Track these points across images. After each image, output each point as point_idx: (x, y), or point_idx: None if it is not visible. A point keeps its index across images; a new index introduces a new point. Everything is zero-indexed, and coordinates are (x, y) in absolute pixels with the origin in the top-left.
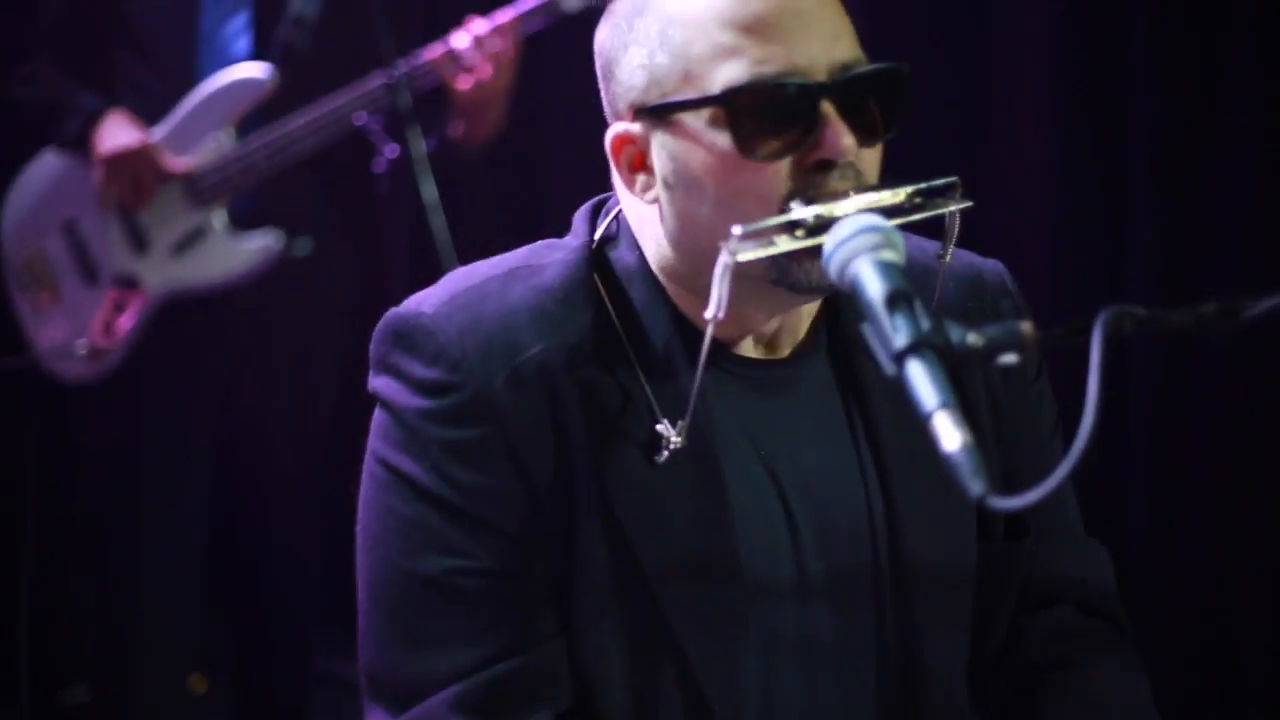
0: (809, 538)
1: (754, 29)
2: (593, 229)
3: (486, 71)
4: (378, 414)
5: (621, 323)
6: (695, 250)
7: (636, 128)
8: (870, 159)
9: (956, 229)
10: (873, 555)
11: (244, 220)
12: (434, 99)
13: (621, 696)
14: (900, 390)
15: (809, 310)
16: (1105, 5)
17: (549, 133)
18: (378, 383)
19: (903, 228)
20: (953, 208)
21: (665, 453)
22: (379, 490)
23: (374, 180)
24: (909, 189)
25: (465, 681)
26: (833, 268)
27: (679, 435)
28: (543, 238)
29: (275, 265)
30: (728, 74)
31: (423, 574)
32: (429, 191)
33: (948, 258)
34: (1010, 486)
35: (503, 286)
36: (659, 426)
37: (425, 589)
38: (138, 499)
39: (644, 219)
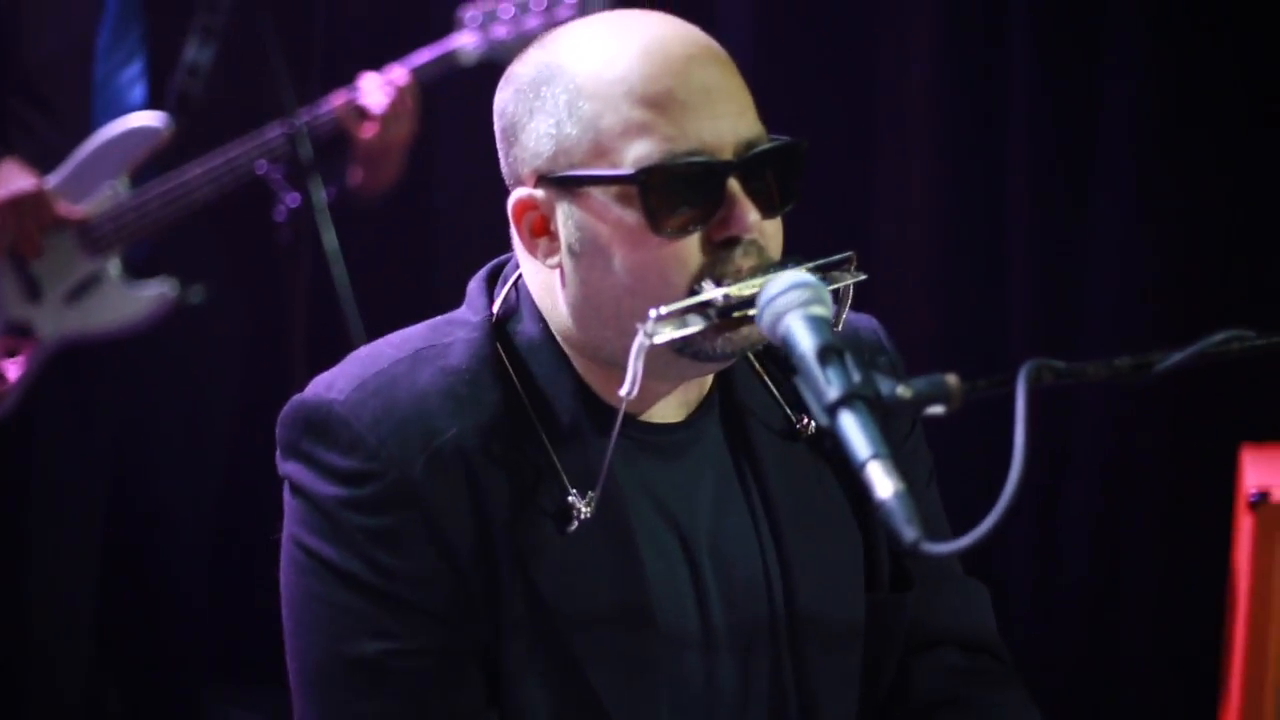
0: (713, 592)
1: (663, 105)
2: (490, 300)
3: (386, 120)
4: (291, 499)
5: (529, 398)
6: (598, 318)
7: (540, 194)
8: (772, 231)
9: (850, 299)
10: (769, 609)
11: (138, 268)
12: (333, 149)
13: None
14: (786, 452)
15: (708, 379)
16: (985, 40)
17: (447, 181)
18: (289, 468)
19: None
20: (848, 280)
21: (575, 523)
22: (302, 575)
23: (274, 229)
24: (808, 265)
25: None
26: (764, 322)
27: (588, 506)
28: (438, 286)
29: (169, 313)
30: (638, 151)
31: (353, 657)
32: (330, 240)
33: (839, 327)
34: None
35: (410, 370)
36: (570, 498)
37: (357, 672)
38: (26, 544)
39: (547, 286)
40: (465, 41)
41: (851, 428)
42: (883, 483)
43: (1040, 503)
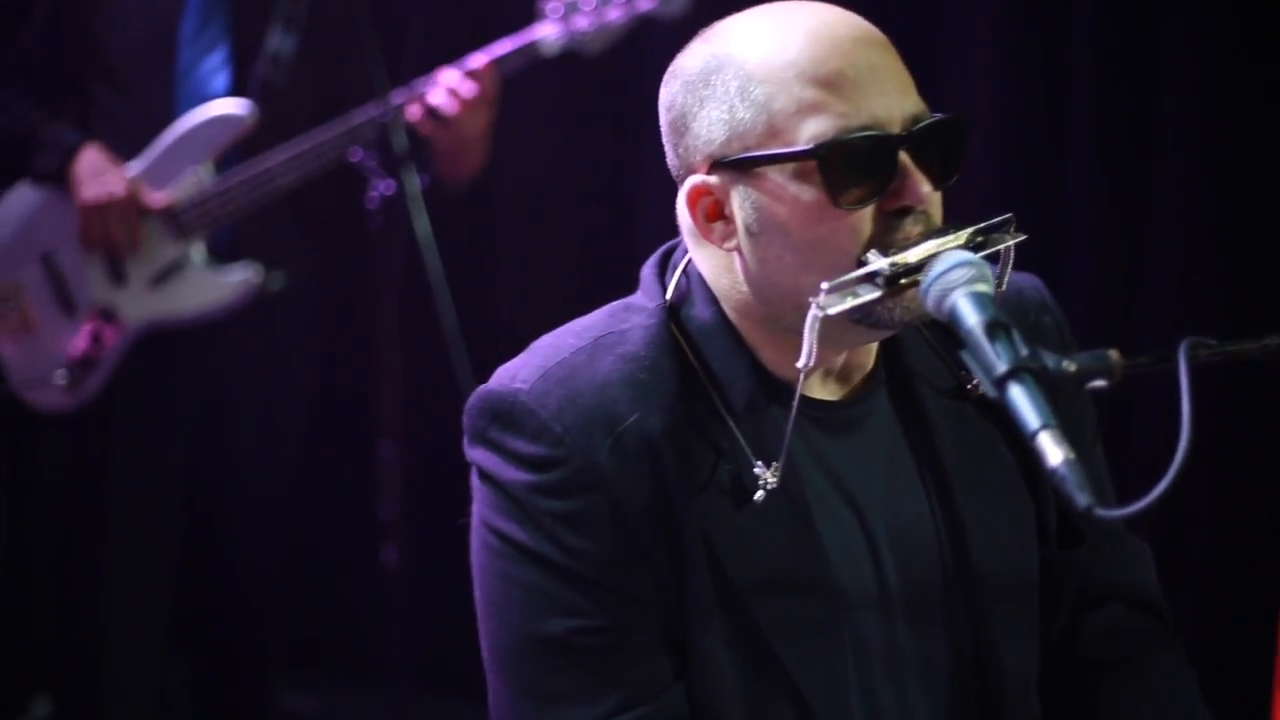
0: (888, 556)
1: (834, 85)
2: (663, 286)
3: (459, 118)
4: (479, 485)
5: (706, 379)
6: (778, 293)
7: (714, 179)
8: (937, 202)
9: (1011, 260)
10: (942, 569)
11: (222, 254)
12: (421, 138)
13: (737, 714)
14: (957, 415)
15: (872, 346)
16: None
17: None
18: (477, 455)
19: None
20: (1009, 242)
21: (761, 493)
22: (494, 558)
23: (365, 215)
24: (970, 229)
25: None
26: (930, 300)
27: (774, 476)
28: (536, 274)
29: (252, 299)
30: (813, 129)
31: (545, 635)
32: (423, 228)
33: (1003, 287)
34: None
35: (591, 358)
36: (755, 469)
37: (549, 649)
38: (105, 526)
39: (722, 267)
40: (547, 33)
41: (1021, 399)
42: (1053, 451)
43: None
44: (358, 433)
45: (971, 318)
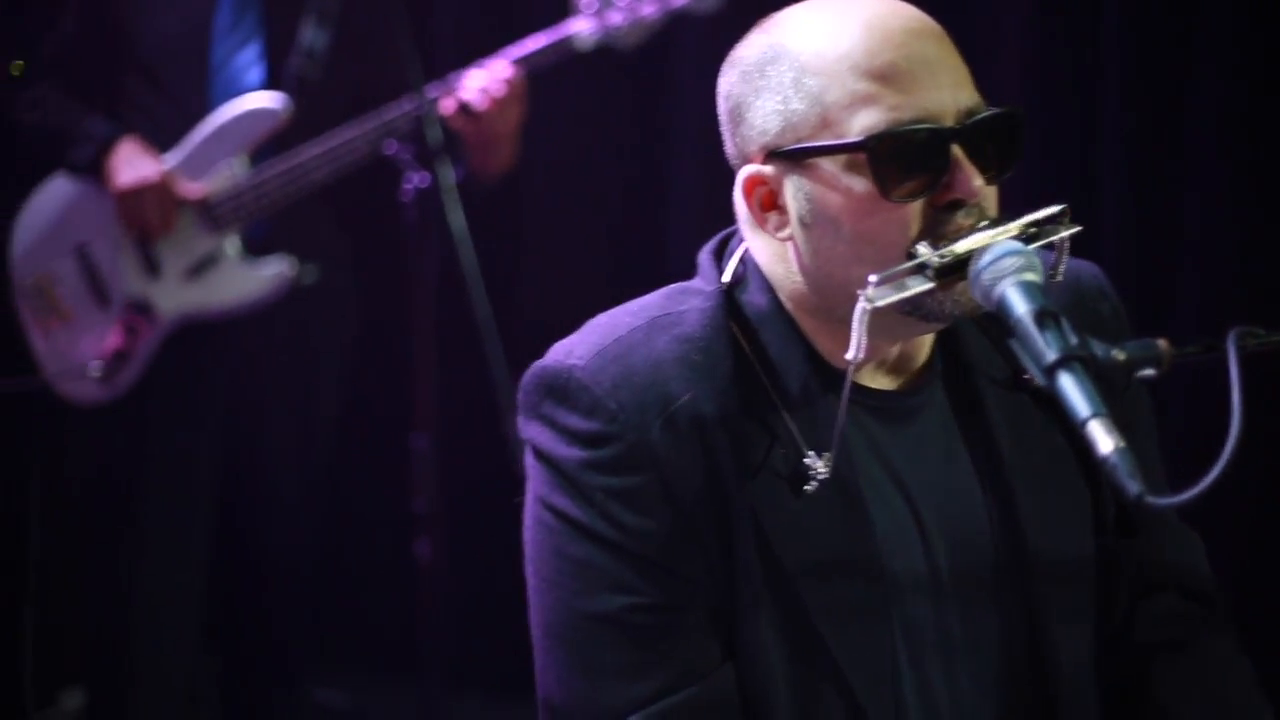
0: (937, 541)
1: (888, 77)
2: (719, 271)
3: (489, 115)
4: (533, 462)
5: (760, 364)
6: (829, 283)
7: (769, 169)
8: (991, 196)
9: (1067, 250)
10: (994, 555)
11: (256, 247)
12: (453, 132)
13: (785, 699)
14: (1014, 406)
15: (928, 338)
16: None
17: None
18: (531, 431)
19: None
20: (1063, 234)
21: (814, 483)
22: (547, 534)
23: (399, 209)
24: (1023, 221)
25: (643, 712)
26: (979, 290)
27: (826, 465)
28: (568, 267)
29: (285, 292)
30: (865, 120)
31: (597, 611)
32: (457, 221)
33: (1059, 277)
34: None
35: (647, 337)
36: (806, 459)
37: (600, 625)
38: (140, 519)
39: (777, 256)
40: (581, 28)
41: (1070, 388)
42: (1104, 440)
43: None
44: (391, 426)
45: (1020, 307)
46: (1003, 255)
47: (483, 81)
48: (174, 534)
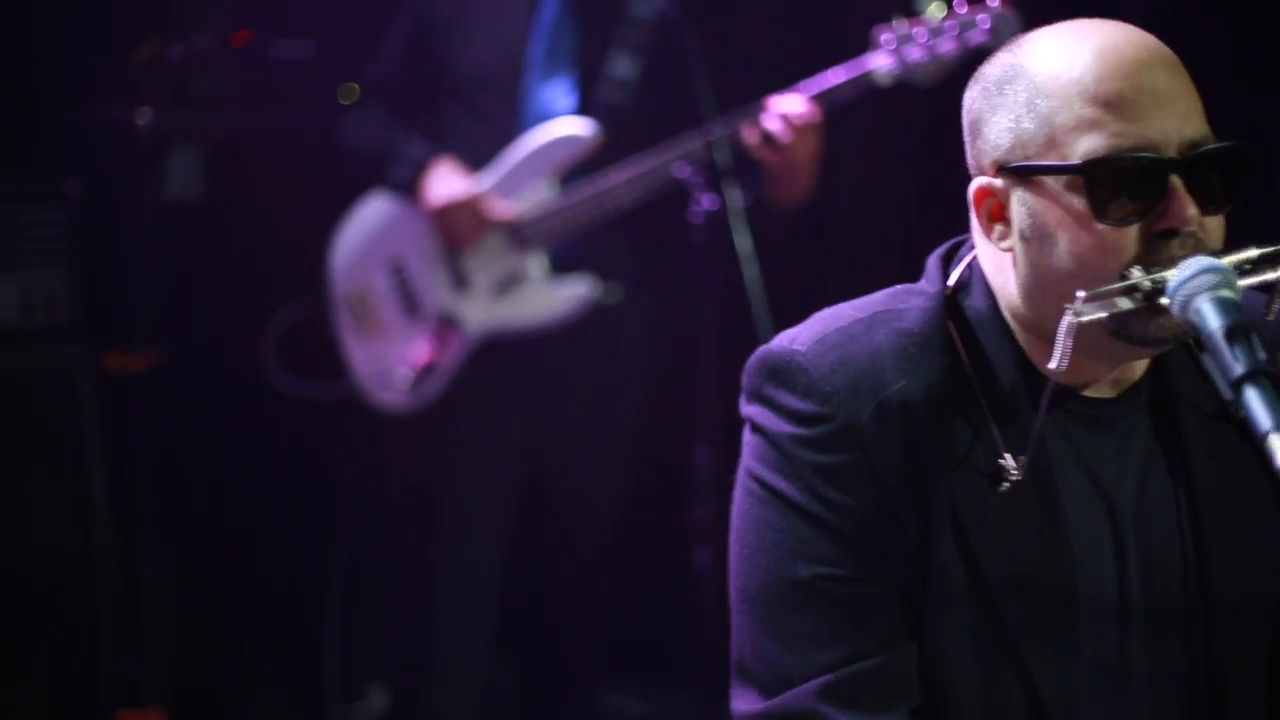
0: (1133, 562)
1: (1113, 105)
2: (945, 275)
3: (791, 145)
4: (750, 437)
5: (973, 366)
6: (1043, 297)
7: (998, 182)
8: (1213, 226)
9: None
10: (1183, 584)
11: (561, 266)
12: (751, 158)
13: (968, 702)
14: (1216, 437)
15: (1141, 364)
16: None
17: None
18: (751, 410)
19: None
20: (1278, 275)
21: (1006, 484)
22: (755, 504)
23: (689, 230)
24: (1239, 256)
25: (830, 675)
26: (1176, 305)
27: (1019, 470)
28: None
29: (587, 311)
30: (1087, 145)
31: (794, 578)
32: (743, 242)
33: (1271, 316)
34: None
35: (867, 330)
36: (1001, 461)
37: (796, 592)
38: (444, 526)
39: (1000, 266)
40: (880, 63)
41: (1255, 401)
42: None
43: None
44: (675, 438)
45: (1213, 322)
46: (1200, 272)
47: (785, 110)
48: (475, 542)
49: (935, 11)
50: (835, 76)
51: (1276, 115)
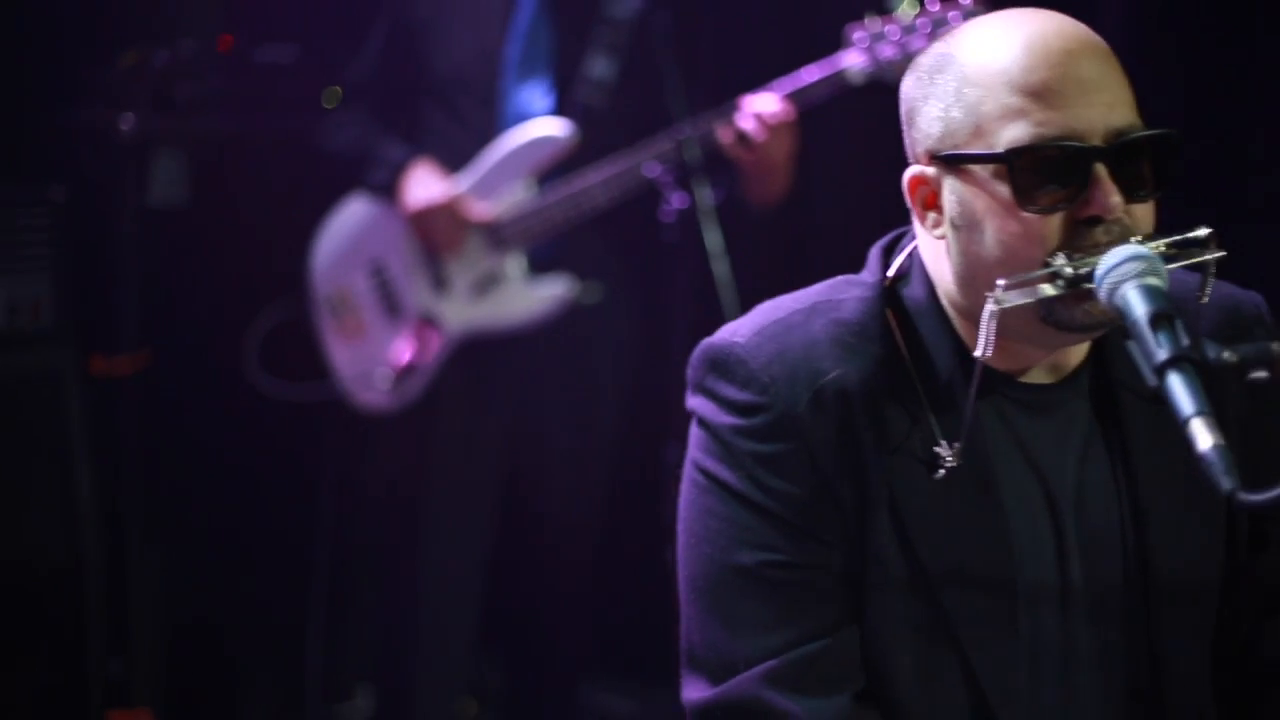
0: (1073, 546)
1: (1038, 94)
2: (886, 265)
3: (765, 144)
4: (694, 429)
5: (910, 354)
6: (974, 284)
7: (931, 171)
8: (1141, 213)
9: (1213, 274)
10: (1124, 566)
11: (539, 266)
12: (724, 157)
13: (908, 686)
14: (1154, 420)
15: (1079, 349)
16: None
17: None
18: (694, 402)
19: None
20: (1206, 258)
21: (941, 471)
22: (699, 494)
23: (660, 228)
24: (1164, 241)
25: (775, 660)
26: (1102, 292)
27: (955, 457)
28: (810, 281)
29: (566, 310)
30: (1012, 134)
31: (738, 565)
32: (713, 240)
33: (1204, 299)
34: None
35: (806, 320)
36: (937, 448)
37: (740, 579)
38: (425, 525)
39: (936, 254)
40: (853, 61)
41: (1178, 387)
42: (1203, 437)
43: None
44: (655, 436)
45: (1138, 309)
46: (1125, 259)
47: (759, 110)
48: (457, 541)
49: (908, 9)
50: (809, 75)
51: (1264, 111)
